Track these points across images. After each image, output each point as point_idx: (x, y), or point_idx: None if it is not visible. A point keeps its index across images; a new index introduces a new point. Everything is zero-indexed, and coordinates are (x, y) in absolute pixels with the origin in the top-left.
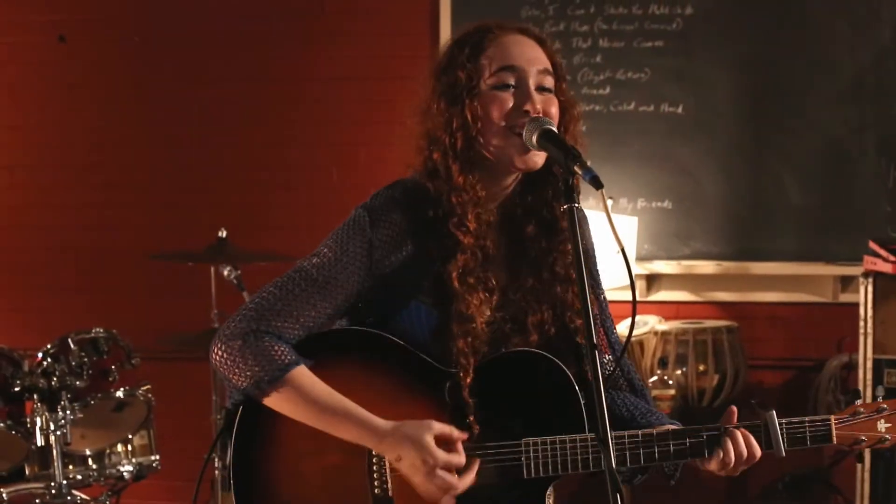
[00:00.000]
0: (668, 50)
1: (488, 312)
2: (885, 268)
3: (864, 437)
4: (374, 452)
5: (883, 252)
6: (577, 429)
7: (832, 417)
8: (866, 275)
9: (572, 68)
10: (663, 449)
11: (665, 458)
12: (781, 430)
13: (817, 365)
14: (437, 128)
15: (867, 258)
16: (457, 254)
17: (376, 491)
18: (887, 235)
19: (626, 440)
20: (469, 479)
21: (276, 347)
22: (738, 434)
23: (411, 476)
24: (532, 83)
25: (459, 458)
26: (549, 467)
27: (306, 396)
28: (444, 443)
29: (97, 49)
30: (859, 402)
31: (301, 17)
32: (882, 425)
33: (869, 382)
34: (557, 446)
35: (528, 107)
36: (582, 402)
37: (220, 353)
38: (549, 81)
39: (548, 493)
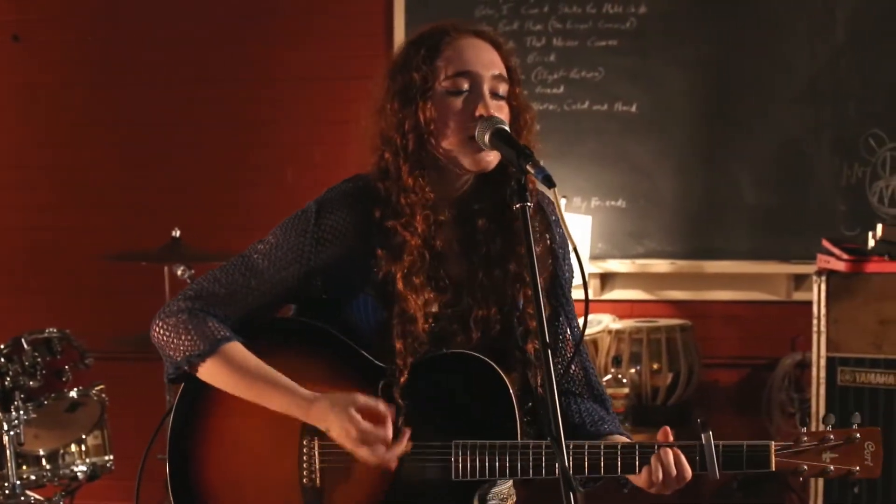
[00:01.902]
0: (623, 49)
1: (436, 309)
2: (839, 266)
3: (805, 467)
4: (304, 444)
5: (836, 250)
6: (509, 435)
7: (772, 444)
8: (820, 273)
9: (526, 67)
10: (593, 461)
11: (595, 470)
12: (717, 452)
13: (771, 363)
14: (390, 128)
15: (821, 256)
16: (402, 254)
17: (305, 482)
18: (841, 234)
19: None
20: (400, 447)
21: (211, 324)
22: (670, 453)
23: (343, 443)
24: (486, 88)
25: (385, 431)
26: (478, 471)
27: (237, 368)
28: (373, 417)
29: (52, 49)
30: (804, 429)
31: (256, 18)
32: (827, 456)
33: (822, 381)
34: (487, 450)
35: (481, 111)
36: (515, 408)
37: (157, 328)
38: (503, 88)
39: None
